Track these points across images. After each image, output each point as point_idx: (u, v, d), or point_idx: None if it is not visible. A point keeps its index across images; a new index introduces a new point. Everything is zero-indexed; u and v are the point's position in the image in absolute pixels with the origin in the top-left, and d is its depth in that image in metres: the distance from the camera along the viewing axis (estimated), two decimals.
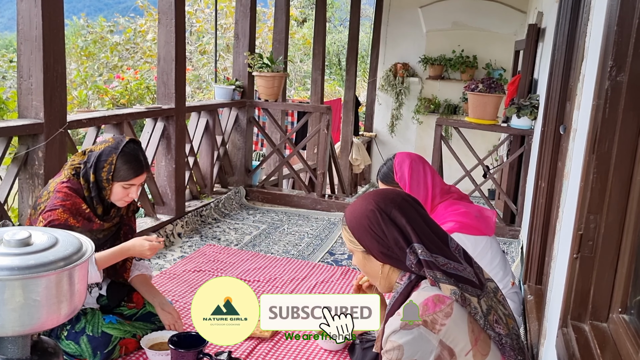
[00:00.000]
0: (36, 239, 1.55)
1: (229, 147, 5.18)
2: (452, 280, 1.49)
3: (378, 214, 1.55)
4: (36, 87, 2.78)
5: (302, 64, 15.00)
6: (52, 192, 2.12)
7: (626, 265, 1.57)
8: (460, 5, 8.91)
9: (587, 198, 1.63)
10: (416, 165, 2.36)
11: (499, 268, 2.35)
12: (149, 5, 11.41)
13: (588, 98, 1.82)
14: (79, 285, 1.56)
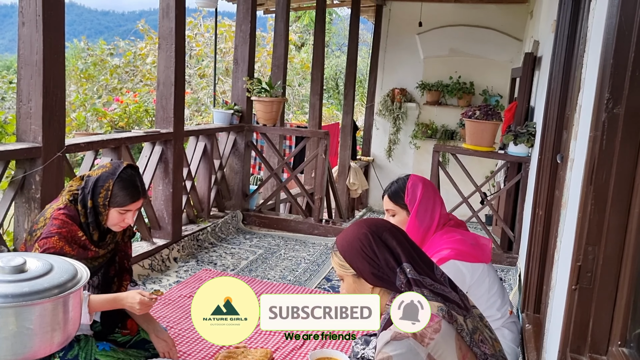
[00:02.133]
0: (31, 266, 1.53)
1: (227, 171, 5.18)
2: (439, 299, 1.51)
3: (370, 236, 1.58)
4: (35, 111, 2.79)
5: (301, 88, 15.11)
6: (49, 218, 2.11)
7: (625, 297, 1.56)
8: (457, 32, 9.03)
9: (585, 229, 1.63)
10: (427, 193, 2.34)
11: (497, 296, 2.32)
12: (150, 29, 11.52)
13: (585, 129, 1.84)
14: (73, 313, 1.54)
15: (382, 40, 9.69)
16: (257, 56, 10.31)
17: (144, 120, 6.92)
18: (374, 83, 9.87)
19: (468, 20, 9.00)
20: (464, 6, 8.99)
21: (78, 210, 2.15)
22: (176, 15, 3.87)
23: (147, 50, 11.08)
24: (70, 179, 3.03)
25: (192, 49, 11.66)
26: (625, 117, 1.55)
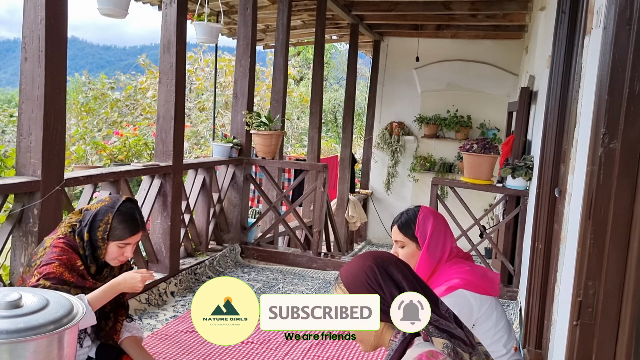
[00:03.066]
0: (27, 301, 1.52)
1: (225, 204, 5.18)
2: (445, 335, 1.49)
3: (376, 269, 1.56)
4: (35, 145, 2.80)
5: (299, 121, 15.23)
6: (49, 247, 2.10)
7: (627, 333, 1.54)
8: (454, 67, 9.17)
9: (585, 264, 1.62)
10: (438, 226, 2.32)
11: (503, 331, 2.29)
12: (150, 63, 11.68)
13: (582, 163, 1.85)
14: (68, 349, 1.52)
15: (380, 75, 9.83)
16: (256, 90, 10.44)
17: (143, 154, 6.95)
18: (372, 116, 9.96)
19: (464, 55, 9.15)
20: (460, 42, 9.15)
21: (77, 241, 2.15)
22: (177, 51, 3.93)
23: (148, 84, 11.21)
24: (68, 212, 3.02)
25: (192, 82, 11.80)
26: (622, 151, 1.57)
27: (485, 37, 8.93)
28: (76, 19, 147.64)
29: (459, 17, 8.02)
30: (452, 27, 8.76)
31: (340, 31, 9.55)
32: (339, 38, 10.25)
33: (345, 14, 7.74)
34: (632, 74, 1.55)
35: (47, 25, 2.73)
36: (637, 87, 1.54)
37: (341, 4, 7.38)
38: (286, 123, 10.04)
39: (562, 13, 3.05)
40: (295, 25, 8.65)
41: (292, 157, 9.69)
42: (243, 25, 5.09)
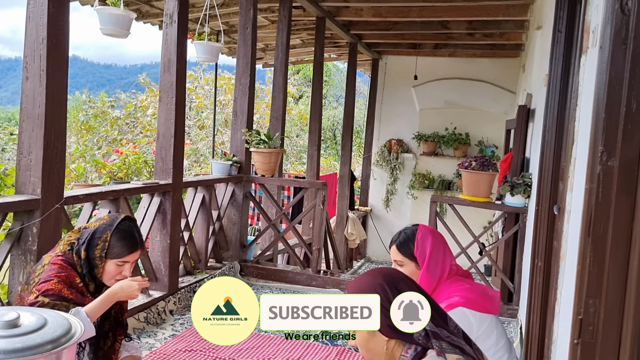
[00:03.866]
0: (24, 320, 1.51)
1: (225, 222, 5.17)
2: (457, 351, 1.47)
3: (386, 287, 1.55)
4: (35, 164, 2.80)
5: (299, 139, 15.28)
6: (47, 264, 2.09)
7: (628, 351, 1.54)
8: (452, 85, 9.23)
9: (585, 281, 1.62)
10: (437, 245, 2.31)
11: (504, 350, 2.27)
12: (151, 81, 11.76)
13: (580, 181, 1.85)
14: None
15: (379, 93, 9.89)
16: (256, 108, 10.49)
17: (143, 171, 6.96)
18: (371, 134, 10.00)
19: (462, 73, 9.22)
20: (458, 60, 9.23)
21: (75, 259, 2.14)
22: (177, 70, 3.96)
23: (148, 102, 11.27)
24: (67, 231, 3.01)
25: (192, 101, 11.86)
26: (620, 169, 1.57)
27: (482, 56, 9.00)
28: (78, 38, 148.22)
29: (456, 36, 8.10)
30: (449, 46, 8.84)
31: (339, 50, 9.63)
32: (338, 56, 10.33)
33: (344, 33, 7.81)
34: (629, 92, 1.57)
35: (49, 45, 2.75)
36: (634, 106, 1.56)
37: (340, 23, 7.45)
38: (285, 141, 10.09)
39: (559, 32, 3.08)
40: (295, 44, 8.74)
41: (291, 175, 9.70)
42: (243, 44, 5.13)
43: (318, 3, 6.45)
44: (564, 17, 3.04)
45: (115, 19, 3.21)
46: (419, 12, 6.70)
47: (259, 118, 11.88)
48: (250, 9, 5.02)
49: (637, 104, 1.55)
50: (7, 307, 2.05)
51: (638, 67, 1.56)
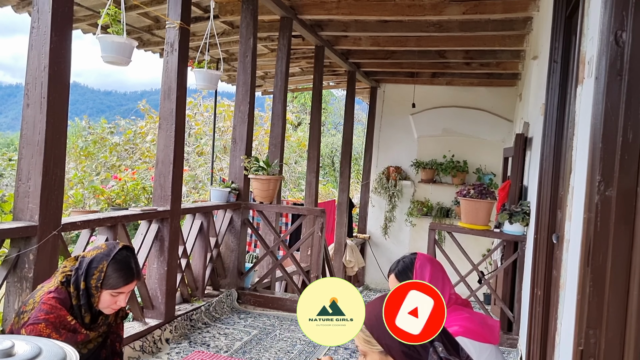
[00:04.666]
0: (19, 349, 1.49)
1: (223, 249, 5.15)
2: None
3: None
4: (34, 190, 2.80)
5: (297, 166, 15.33)
6: (38, 302, 2.07)
7: None
8: (449, 113, 9.31)
9: (585, 312, 1.61)
10: (436, 274, 2.30)
11: None
12: (150, 108, 11.84)
13: (579, 210, 1.86)
14: None
15: (377, 120, 9.97)
16: (254, 135, 10.54)
17: (141, 197, 6.96)
18: (369, 161, 10.04)
19: (459, 101, 9.31)
20: (455, 89, 9.33)
21: (70, 292, 2.11)
22: (177, 97, 3.99)
23: (147, 128, 11.33)
24: (64, 257, 3.00)
25: (191, 127, 11.93)
26: (618, 199, 1.58)
27: (479, 85, 9.10)
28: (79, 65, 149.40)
29: (453, 65, 8.20)
30: (447, 75, 8.95)
31: (337, 78, 9.74)
32: (337, 84, 10.43)
33: (343, 62, 7.91)
34: (625, 122, 1.58)
35: (50, 73, 2.78)
36: (630, 136, 1.57)
37: (339, 52, 7.54)
38: (284, 168, 10.12)
39: (554, 62, 3.13)
40: (294, 72, 8.83)
41: (289, 202, 9.70)
42: (242, 72, 5.19)
43: (317, 32, 6.54)
44: (559, 48, 3.08)
45: (117, 47, 3.24)
46: (416, 41, 6.80)
47: (257, 144, 11.93)
48: (250, 37, 5.09)
49: (633, 134, 1.56)
50: (1, 335, 2.03)
51: (634, 98, 1.58)
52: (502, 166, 7.76)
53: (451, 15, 5.56)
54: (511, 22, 5.88)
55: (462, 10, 5.46)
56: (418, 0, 5.50)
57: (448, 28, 6.10)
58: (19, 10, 5.12)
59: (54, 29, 2.77)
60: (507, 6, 5.34)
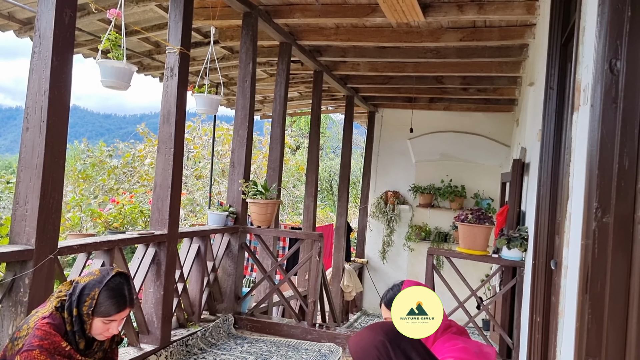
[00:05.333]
0: None
1: (220, 273, 5.12)
2: None
3: (388, 345, 1.52)
4: (31, 214, 2.79)
5: (295, 189, 15.33)
6: (32, 328, 2.04)
7: None
8: (447, 138, 9.36)
9: (585, 340, 1.60)
10: None
11: None
12: (149, 131, 11.88)
13: (576, 236, 1.86)
14: None
15: (375, 144, 10.01)
16: (253, 158, 10.56)
17: (138, 221, 6.93)
18: (367, 185, 10.05)
19: (457, 126, 9.37)
20: (453, 114, 9.40)
21: (64, 318, 2.09)
22: (176, 121, 4.01)
23: (146, 152, 11.35)
24: (60, 282, 2.98)
25: (189, 151, 11.96)
26: (615, 226, 1.58)
27: (476, 110, 9.18)
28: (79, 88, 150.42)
29: (451, 91, 8.28)
30: (444, 100, 9.03)
31: (336, 102, 9.81)
32: (335, 109, 10.51)
33: (341, 87, 7.97)
34: (621, 149, 1.59)
35: (50, 97, 2.79)
36: (626, 163, 1.58)
37: (337, 77, 7.61)
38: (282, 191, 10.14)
39: (550, 89, 3.16)
40: (293, 96, 8.90)
41: (287, 225, 9.67)
42: (242, 96, 5.22)
43: (316, 58, 6.61)
44: (555, 75, 3.12)
45: (117, 71, 3.27)
46: (414, 67, 6.88)
47: (256, 168, 11.95)
48: (249, 62, 5.14)
49: (629, 161, 1.57)
50: None
51: (629, 125, 1.60)
52: (499, 191, 7.77)
53: (448, 42, 5.63)
54: (507, 49, 5.96)
55: (459, 37, 5.54)
56: (415, 27, 5.57)
57: (445, 54, 6.17)
58: (21, 35, 5.18)
59: (55, 53, 2.79)
60: (504, 33, 5.41)
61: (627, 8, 1.63)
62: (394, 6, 4.65)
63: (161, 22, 5.44)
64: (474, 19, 5.21)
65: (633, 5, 1.65)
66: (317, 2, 5.09)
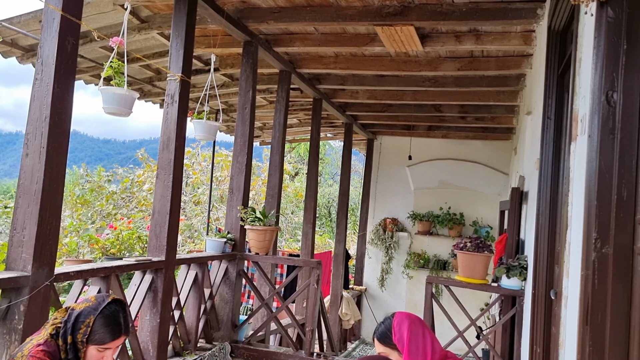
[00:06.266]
0: None
1: (217, 301, 5.07)
2: None
3: None
4: (28, 240, 2.78)
5: (294, 216, 15.30)
6: (26, 355, 2.01)
7: None
8: (446, 166, 9.39)
9: None
10: (415, 328, 2.28)
11: None
12: (149, 157, 11.90)
13: (576, 266, 1.85)
14: None
15: (374, 171, 10.03)
16: (251, 184, 10.58)
17: (135, 247, 6.90)
18: (365, 212, 10.04)
19: (455, 154, 9.41)
20: (451, 142, 9.45)
21: (59, 345, 2.06)
22: (176, 148, 4.02)
23: (145, 177, 11.36)
24: (55, 309, 2.94)
25: (188, 177, 11.96)
26: (614, 257, 1.58)
27: (475, 138, 9.23)
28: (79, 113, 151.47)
29: (449, 119, 8.34)
30: (442, 128, 9.09)
31: (335, 129, 9.87)
32: (334, 136, 10.56)
33: (340, 114, 8.03)
34: (619, 180, 1.60)
35: (51, 123, 2.80)
36: (624, 194, 1.59)
37: (336, 104, 7.67)
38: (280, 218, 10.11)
39: (548, 119, 3.18)
40: (292, 123, 8.96)
41: (285, 252, 9.63)
42: (241, 123, 5.25)
43: (315, 85, 6.68)
44: (552, 105, 3.15)
45: (119, 98, 3.29)
46: (412, 95, 6.94)
47: (254, 194, 11.95)
48: (249, 90, 5.18)
49: (627, 192, 1.58)
50: None
51: (627, 156, 1.60)
52: (498, 219, 7.75)
53: (446, 71, 5.69)
54: (505, 78, 6.02)
55: (457, 66, 5.60)
56: (414, 57, 5.64)
57: (443, 83, 6.23)
58: (24, 61, 5.23)
59: (57, 80, 2.81)
60: (501, 63, 5.48)
61: (623, 41, 1.66)
62: (392, 36, 4.72)
63: (162, 49, 5.51)
64: (472, 49, 5.28)
65: (628, 38, 1.67)
66: (316, 32, 5.16)
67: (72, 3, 2.88)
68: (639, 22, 1.67)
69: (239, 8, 4.67)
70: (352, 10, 4.50)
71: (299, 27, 5.07)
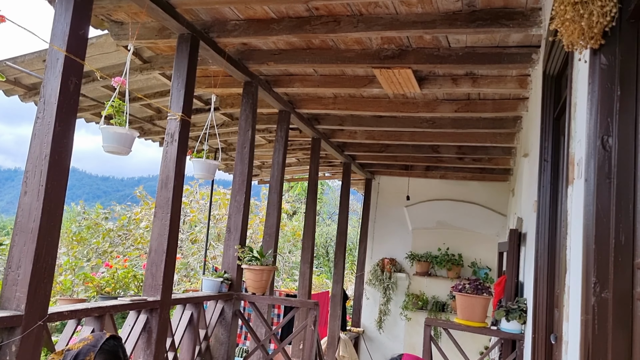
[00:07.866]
0: None
1: (212, 342, 4.98)
2: None
3: None
4: (23, 278, 2.75)
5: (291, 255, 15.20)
6: None
7: None
8: (443, 206, 9.40)
9: None
10: None
11: None
12: (147, 195, 11.90)
13: (575, 310, 1.83)
14: None
15: (372, 211, 10.02)
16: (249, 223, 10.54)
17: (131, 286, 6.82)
18: (363, 252, 9.98)
19: (453, 195, 9.43)
20: (449, 182, 9.48)
21: None
22: (174, 186, 4.03)
23: (142, 215, 11.33)
24: (47, 349, 2.89)
25: (186, 214, 11.94)
26: (614, 301, 1.57)
27: (472, 179, 9.27)
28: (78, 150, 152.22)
29: (446, 160, 8.39)
30: (440, 169, 9.14)
31: (333, 169, 9.91)
32: (332, 175, 10.60)
33: (339, 154, 8.08)
34: (617, 225, 1.60)
35: (51, 161, 2.81)
36: (622, 238, 1.59)
37: (334, 144, 7.73)
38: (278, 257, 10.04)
39: (545, 161, 3.21)
40: (290, 162, 9.00)
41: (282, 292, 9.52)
42: (240, 162, 5.27)
43: (314, 125, 6.74)
44: (549, 148, 3.18)
45: (119, 137, 3.32)
46: (410, 136, 7.00)
47: (252, 233, 11.90)
48: (249, 130, 5.22)
49: (625, 236, 1.58)
50: None
51: (623, 200, 1.61)
52: (497, 260, 7.71)
53: (444, 113, 5.76)
54: (501, 120, 6.10)
55: (454, 108, 5.68)
56: (412, 98, 5.72)
57: (441, 124, 6.30)
58: (25, 100, 5.29)
59: (58, 119, 2.84)
60: (497, 106, 5.56)
61: (617, 87, 1.69)
62: (390, 78, 4.80)
63: (164, 89, 5.58)
64: (468, 92, 5.36)
65: (622, 84, 1.70)
66: (316, 73, 5.25)
67: (76, 44, 2.94)
68: (631, 68, 1.71)
69: (240, 50, 4.76)
70: (351, 53, 4.59)
71: (299, 69, 5.16)
